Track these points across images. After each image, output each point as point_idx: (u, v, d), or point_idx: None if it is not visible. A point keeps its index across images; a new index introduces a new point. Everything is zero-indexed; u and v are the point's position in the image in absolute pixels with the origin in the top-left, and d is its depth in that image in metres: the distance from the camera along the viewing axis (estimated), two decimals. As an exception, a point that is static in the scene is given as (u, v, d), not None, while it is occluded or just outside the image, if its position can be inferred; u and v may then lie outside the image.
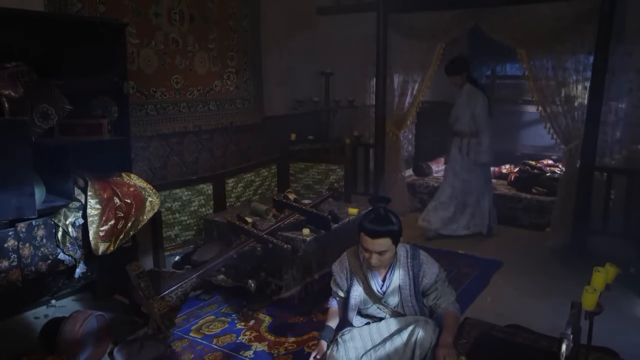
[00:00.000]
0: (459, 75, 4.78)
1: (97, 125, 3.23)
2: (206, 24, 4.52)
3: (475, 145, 4.78)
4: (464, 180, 4.89)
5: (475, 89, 4.76)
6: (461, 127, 4.80)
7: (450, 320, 2.37)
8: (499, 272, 4.18)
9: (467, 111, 4.74)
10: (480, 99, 4.72)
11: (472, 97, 4.73)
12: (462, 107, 4.78)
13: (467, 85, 4.78)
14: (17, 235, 2.69)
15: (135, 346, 2.92)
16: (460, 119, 4.80)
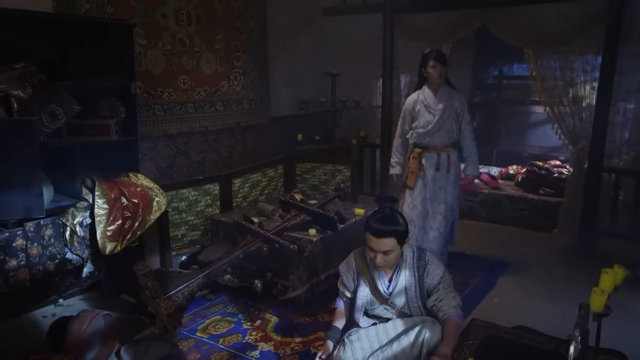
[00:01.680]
0: (445, 67, 3.92)
1: (104, 125, 3.24)
2: (213, 25, 4.53)
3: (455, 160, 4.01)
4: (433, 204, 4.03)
5: (454, 89, 4.02)
6: (443, 138, 3.95)
7: (450, 328, 2.32)
8: (505, 274, 4.17)
9: (452, 117, 3.94)
10: (464, 99, 4.05)
11: (456, 100, 3.95)
12: (447, 112, 3.90)
13: (445, 86, 3.97)
14: (25, 235, 2.70)
15: (142, 345, 2.94)
16: (444, 127, 3.93)
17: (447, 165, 3.96)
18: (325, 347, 2.44)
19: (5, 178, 2.61)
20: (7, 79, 2.60)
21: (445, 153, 3.96)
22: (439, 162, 3.96)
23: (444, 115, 3.89)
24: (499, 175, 6.21)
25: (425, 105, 3.94)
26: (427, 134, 3.94)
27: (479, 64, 7.55)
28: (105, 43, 3.27)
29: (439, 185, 3.99)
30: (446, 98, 3.92)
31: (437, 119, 3.89)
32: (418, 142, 4.00)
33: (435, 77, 3.87)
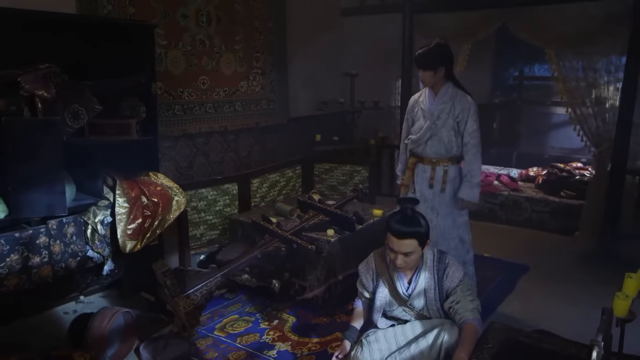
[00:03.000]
0: (432, 71, 3.20)
1: (125, 125, 3.28)
2: (233, 26, 4.56)
3: (454, 176, 3.32)
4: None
5: (461, 92, 3.27)
6: (437, 148, 3.28)
7: (467, 333, 2.28)
8: (525, 277, 4.11)
9: (449, 125, 3.25)
10: (472, 106, 3.24)
11: (458, 104, 3.23)
12: (443, 118, 3.24)
13: (447, 86, 3.26)
14: (48, 233, 2.75)
15: (161, 343, 2.97)
16: (437, 136, 3.28)
17: (441, 182, 3.29)
18: (342, 347, 2.44)
19: (29, 176, 2.66)
20: (32, 80, 2.65)
21: (442, 167, 3.29)
22: (432, 177, 3.31)
23: (437, 122, 3.24)
24: (519, 177, 6.14)
25: (422, 108, 3.36)
26: (419, 142, 3.33)
27: (499, 64, 7.48)
28: (127, 44, 3.31)
29: (428, 204, 3.30)
30: (445, 102, 3.23)
31: (429, 126, 3.26)
32: (413, 151, 3.43)
33: (424, 82, 3.31)
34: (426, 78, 3.22)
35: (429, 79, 3.22)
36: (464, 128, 3.22)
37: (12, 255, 2.60)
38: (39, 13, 2.94)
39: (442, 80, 3.23)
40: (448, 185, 3.28)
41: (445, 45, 3.19)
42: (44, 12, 2.97)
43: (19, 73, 2.64)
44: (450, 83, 3.25)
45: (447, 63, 3.20)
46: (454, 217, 3.32)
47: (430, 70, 3.18)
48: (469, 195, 3.22)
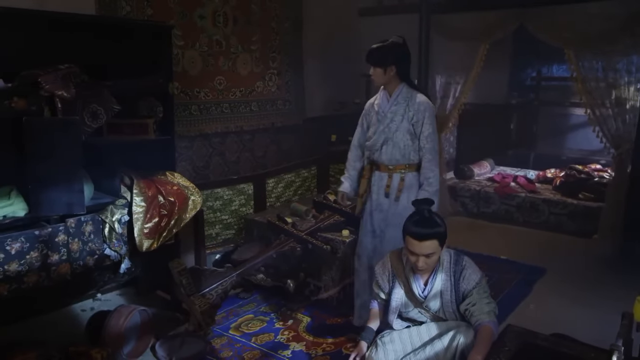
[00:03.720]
0: (382, 69, 2.97)
1: (143, 125, 3.31)
2: (249, 26, 4.58)
3: (412, 184, 3.01)
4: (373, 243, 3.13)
5: (417, 93, 3.01)
6: (393, 154, 3.00)
7: (482, 336, 2.25)
8: (542, 280, 4.07)
9: (404, 128, 2.97)
10: (429, 108, 2.97)
11: (413, 106, 2.96)
12: (397, 120, 2.98)
13: (402, 87, 3.00)
14: (67, 231, 2.78)
15: (177, 341, 2.99)
16: (392, 140, 3.00)
17: (396, 190, 3.01)
18: (359, 347, 2.42)
19: (49, 175, 2.70)
20: (52, 80, 2.68)
21: (399, 175, 3.01)
22: (389, 185, 3.02)
23: (391, 125, 2.98)
24: (536, 179, 6.08)
25: (376, 111, 3.09)
26: (373, 148, 3.07)
27: (516, 65, 7.40)
28: (145, 44, 3.34)
29: (383, 215, 3.03)
30: (399, 103, 2.98)
31: (382, 129, 3.01)
32: (369, 158, 3.14)
33: (374, 80, 3.07)
34: (376, 75, 3.00)
35: (379, 77, 3.00)
36: (420, 131, 2.96)
37: (31, 252, 2.64)
38: (60, 15, 2.99)
39: (396, 80, 2.99)
40: (403, 194, 2.99)
41: (401, 44, 2.97)
42: (65, 13, 3.02)
43: (39, 73, 2.68)
44: (404, 84, 3.00)
45: (399, 62, 2.96)
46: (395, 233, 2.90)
47: (380, 68, 2.96)
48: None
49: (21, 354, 2.59)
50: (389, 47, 2.96)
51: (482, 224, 5.57)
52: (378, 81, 3.03)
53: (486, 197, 5.70)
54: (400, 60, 2.97)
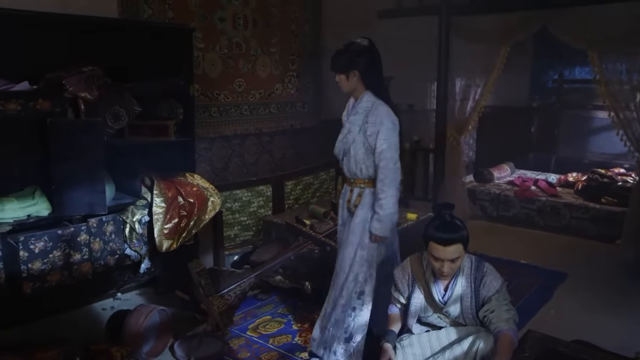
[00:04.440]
0: (343, 75, 2.70)
1: (163, 126, 3.35)
2: (269, 29, 4.60)
3: (369, 202, 2.73)
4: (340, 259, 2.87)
5: (380, 102, 2.68)
6: (352, 167, 2.76)
7: (502, 344, 2.19)
8: (563, 285, 4.01)
9: (360, 141, 2.70)
10: (386, 121, 2.63)
11: (371, 117, 2.65)
12: (354, 132, 2.71)
13: (365, 95, 2.70)
14: (88, 230, 2.83)
15: (195, 342, 3.01)
16: (350, 153, 2.74)
17: (353, 206, 2.77)
18: (384, 351, 2.37)
19: (72, 176, 2.74)
20: (75, 82, 2.73)
21: (358, 189, 2.77)
22: (349, 200, 2.80)
23: (348, 137, 2.73)
24: (558, 183, 5.99)
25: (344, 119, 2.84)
26: (337, 158, 2.86)
27: (537, 67, 7.32)
28: (166, 47, 3.38)
29: (345, 230, 2.83)
30: (358, 113, 2.69)
31: (341, 139, 2.78)
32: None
33: (340, 87, 2.78)
34: (340, 82, 2.73)
35: (343, 84, 2.73)
36: (374, 145, 2.64)
37: (54, 251, 2.68)
38: (84, 18, 3.04)
39: (361, 87, 2.69)
40: (359, 210, 2.73)
41: (365, 46, 2.67)
42: (89, 17, 3.08)
43: (63, 75, 2.73)
44: (369, 92, 2.69)
45: (362, 67, 2.65)
46: (356, 249, 2.75)
47: (342, 74, 2.70)
48: (376, 229, 2.67)
49: (43, 351, 2.63)
50: (349, 51, 2.67)
51: (502, 228, 5.51)
52: (342, 88, 2.76)
53: (506, 201, 5.64)
54: (363, 64, 2.65)
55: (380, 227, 2.66)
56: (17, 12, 2.74)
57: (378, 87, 2.72)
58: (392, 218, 2.67)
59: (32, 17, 2.82)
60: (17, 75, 2.71)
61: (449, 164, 5.60)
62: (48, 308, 3.13)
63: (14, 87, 2.67)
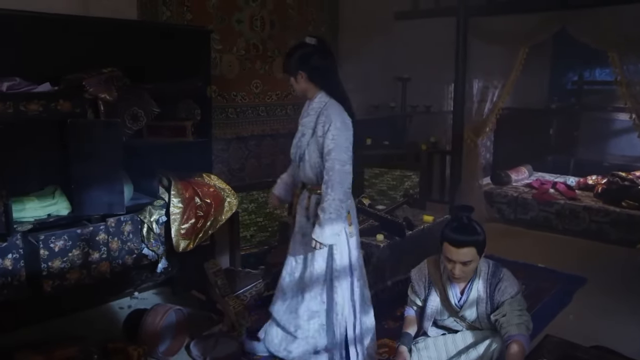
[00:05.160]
0: (292, 77, 2.61)
1: (181, 127, 3.37)
2: (286, 30, 4.61)
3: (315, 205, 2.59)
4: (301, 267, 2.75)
5: (332, 101, 2.56)
6: (307, 172, 2.64)
7: (511, 353, 2.14)
8: (582, 289, 3.95)
9: (313, 144, 2.57)
10: (337, 120, 2.49)
11: (321, 117, 2.52)
12: (307, 135, 2.59)
13: (318, 95, 2.58)
14: (107, 230, 2.86)
15: (211, 342, 3.02)
16: (305, 157, 2.62)
17: (313, 214, 2.59)
18: (400, 353, 2.37)
19: (91, 175, 2.78)
20: (95, 83, 2.77)
21: (316, 196, 2.59)
22: (307, 207, 2.64)
23: (302, 140, 2.60)
24: (577, 186, 5.91)
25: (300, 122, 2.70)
26: (294, 163, 2.75)
27: (557, 68, 7.25)
28: (184, 48, 3.41)
29: (307, 239, 2.60)
30: (310, 115, 2.57)
31: (295, 143, 2.66)
32: None
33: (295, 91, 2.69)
34: (293, 84, 2.62)
35: (294, 86, 2.62)
36: (324, 147, 2.49)
37: (74, 250, 2.72)
38: (104, 20, 3.09)
39: (313, 88, 2.57)
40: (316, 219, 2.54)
41: (311, 46, 2.54)
42: (109, 19, 3.12)
43: (84, 77, 2.77)
44: (322, 92, 2.56)
45: (309, 67, 2.52)
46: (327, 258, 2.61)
47: (290, 76, 2.59)
48: (315, 233, 2.47)
49: (62, 348, 2.67)
50: (296, 52, 2.56)
51: (519, 231, 5.45)
52: (295, 90, 2.66)
53: (524, 204, 5.58)
54: (310, 65, 2.52)
55: (319, 233, 2.44)
56: (40, 15, 2.79)
57: (331, 87, 2.57)
58: (332, 224, 2.44)
59: (53, 20, 2.87)
60: (39, 76, 2.75)
61: (466, 166, 5.56)
62: (67, 306, 3.18)
63: (36, 89, 2.71)
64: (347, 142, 2.49)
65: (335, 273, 2.60)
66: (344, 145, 2.48)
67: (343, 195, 2.46)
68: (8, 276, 2.56)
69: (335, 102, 2.54)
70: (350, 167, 2.51)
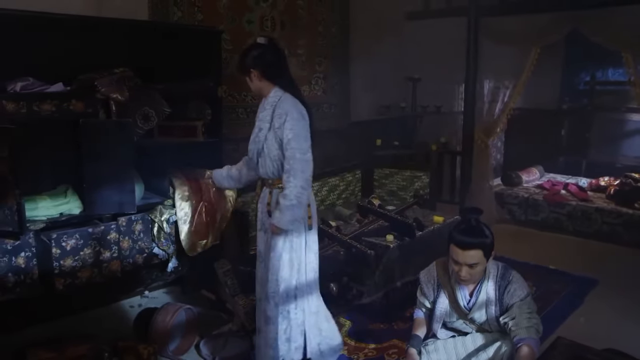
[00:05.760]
0: (245, 76, 2.67)
1: (192, 127, 3.38)
2: (296, 31, 4.62)
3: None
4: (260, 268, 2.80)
5: (287, 95, 2.60)
6: (267, 167, 2.65)
7: (522, 356, 2.13)
8: (594, 292, 3.91)
9: (271, 137, 2.59)
10: (293, 111, 2.54)
11: (277, 110, 2.57)
12: (265, 129, 2.61)
13: (273, 91, 2.62)
14: (118, 229, 2.88)
15: (220, 341, 3.03)
16: (264, 152, 2.63)
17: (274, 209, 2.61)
18: (410, 355, 2.36)
19: (103, 175, 2.80)
20: (107, 83, 2.79)
21: (278, 190, 2.62)
22: (269, 202, 2.66)
23: (260, 135, 2.62)
24: (589, 187, 5.85)
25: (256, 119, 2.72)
26: (252, 160, 2.76)
27: (569, 68, 7.18)
28: (195, 48, 3.43)
29: (265, 237, 2.71)
30: (266, 109, 2.60)
31: (253, 139, 2.68)
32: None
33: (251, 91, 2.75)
34: (249, 84, 2.68)
35: (250, 85, 2.68)
36: (282, 139, 2.54)
37: (85, 249, 2.74)
38: (116, 21, 3.11)
39: (267, 85, 2.62)
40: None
41: (261, 45, 2.61)
42: (120, 19, 3.15)
43: (96, 77, 2.79)
44: (277, 87, 2.61)
45: (262, 65, 2.58)
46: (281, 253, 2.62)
47: (244, 75, 2.66)
48: (275, 217, 2.54)
49: (74, 346, 2.69)
50: (247, 51, 2.64)
51: (530, 232, 5.41)
52: (252, 89, 2.71)
53: (535, 205, 5.54)
54: (262, 63, 2.59)
55: (279, 218, 2.51)
56: (52, 16, 2.82)
57: (284, 82, 2.63)
58: (293, 210, 2.51)
59: (66, 21, 2.89)
60: (52, 76, 2.78)
61: (477, 167, 5.53)
62: (78, 304, 3.21)
63: (49, 89, 2.74)
64: (305, 131, 2.55)
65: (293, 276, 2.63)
66: (303, 134, 2.54)
67: (305, 183, 2.53)
68: (21, 274, 2.59)
69: (290, 95, 2.60)
70: (310, 155, 2.57)
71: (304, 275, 2.66)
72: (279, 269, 2.60)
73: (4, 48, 2.68)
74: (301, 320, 2.66)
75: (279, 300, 2.61)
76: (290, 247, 2.61)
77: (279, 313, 2.61)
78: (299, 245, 2.63)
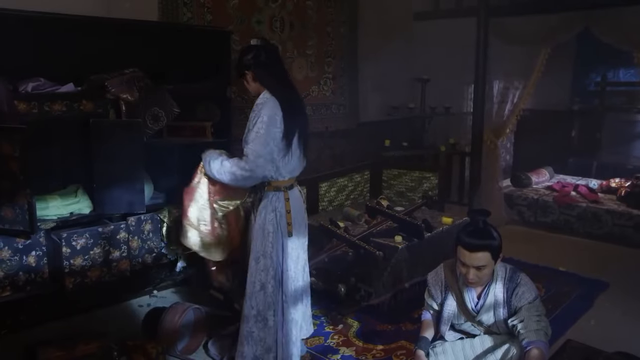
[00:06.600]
0: (242, 78, 2.67)
1: (201, 127, 3.40)
2: (305, 31, 4.62)
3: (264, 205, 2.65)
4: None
5: (271, 98, 2.55)
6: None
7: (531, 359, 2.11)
8: (604, 294, 3.88)
9: None
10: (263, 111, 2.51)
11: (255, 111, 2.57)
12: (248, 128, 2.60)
13: (263, 94, 2.60)
14: (127, 229, 2.89)
15: (228, 340, 3.03)
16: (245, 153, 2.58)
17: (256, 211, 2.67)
18: (418, 357, 2.34)
19: (112, 175, 2.82)
20: (117, 84, 2.81)
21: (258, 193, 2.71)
22: (254, 202, 2.73)
23: (246, 133, 2.63)
24: (599, 188, 5.81)
25: None
26: None
27: (579, 69, 7.12)
28: (204, 49, 3.44)
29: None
30: (254, 110, 2.60)
31: (243, 138, 2.64)
32: None
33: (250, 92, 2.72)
34: (246, 86, 2.69)
35: (247, 87, 2.68)
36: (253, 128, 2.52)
37: (95, 248, 2.76)
38: (126, 21, 3.13)
39: (259, 87, 2.62)
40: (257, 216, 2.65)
41: (255, 47, 2.61)
42: (131, 20, 3.16)
43: (106, 77, 2.81)
44: (266, 90, 2.59)
45: (254, 67, 2.58)
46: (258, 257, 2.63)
47: (240, 77, 2.67)
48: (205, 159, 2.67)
49: (83, 344, 2.71)
50: (241, 53, 2.64)
51: (539, 234, 5.38)
52: (250, 91, 2.69)
53: (544, 206, 5.51)
54: (255, 64, 2.58)
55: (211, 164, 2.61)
56: (63, 17, 2.84)
57: (273, 85, 2.59)
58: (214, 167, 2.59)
59: (77, 22, 2.91)
60: (63, 77, 2.80)
61: (486, 168, 5.50)
62: (87, 303, 3.22)
63: (60, 89, 2.76)
64: (269, 137, 2.49)
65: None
66: (263, 139, 2.48)
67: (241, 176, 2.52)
68: (32, 273, 2.61)
69: (275, 100, 2.54)
70: (262, 161, 2.50)
71: (279, 282, 2.65)
72: (255, 271, 2.63)
73: (16, 49, 2.71)
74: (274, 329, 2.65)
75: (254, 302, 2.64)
76: (264, 252, 2.62)
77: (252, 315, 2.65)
78: (274, 252, 2.62)
